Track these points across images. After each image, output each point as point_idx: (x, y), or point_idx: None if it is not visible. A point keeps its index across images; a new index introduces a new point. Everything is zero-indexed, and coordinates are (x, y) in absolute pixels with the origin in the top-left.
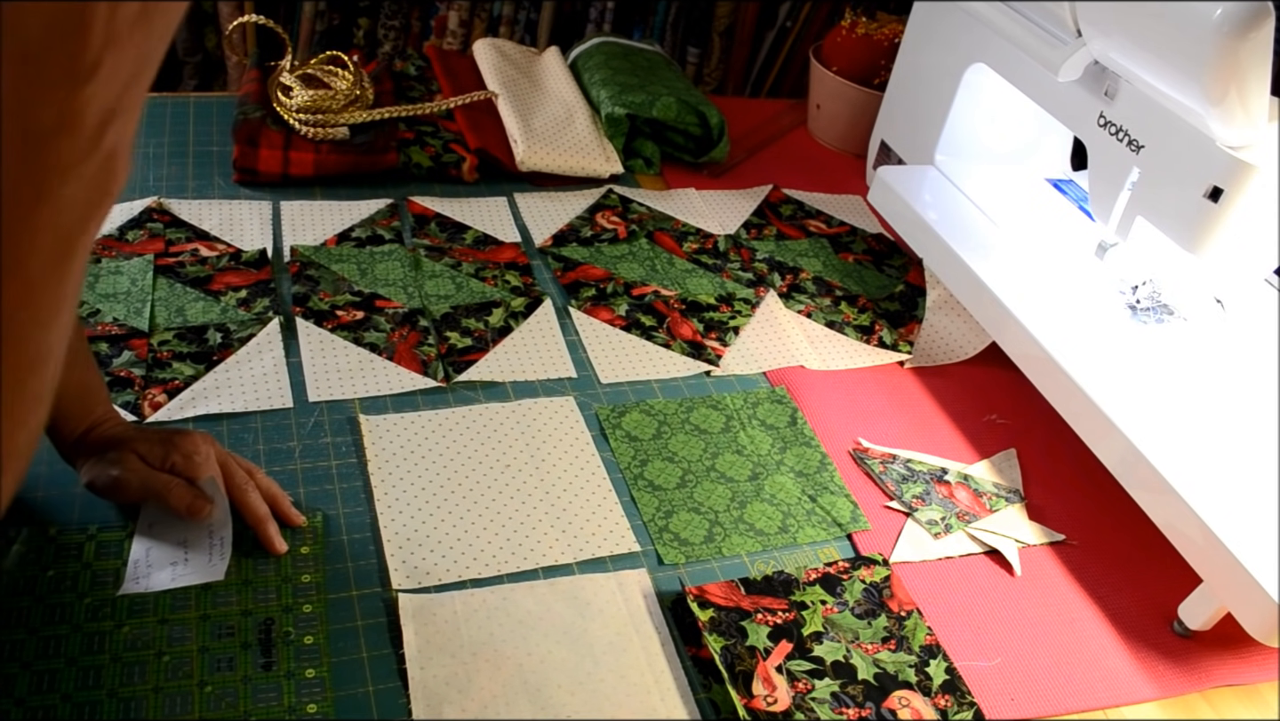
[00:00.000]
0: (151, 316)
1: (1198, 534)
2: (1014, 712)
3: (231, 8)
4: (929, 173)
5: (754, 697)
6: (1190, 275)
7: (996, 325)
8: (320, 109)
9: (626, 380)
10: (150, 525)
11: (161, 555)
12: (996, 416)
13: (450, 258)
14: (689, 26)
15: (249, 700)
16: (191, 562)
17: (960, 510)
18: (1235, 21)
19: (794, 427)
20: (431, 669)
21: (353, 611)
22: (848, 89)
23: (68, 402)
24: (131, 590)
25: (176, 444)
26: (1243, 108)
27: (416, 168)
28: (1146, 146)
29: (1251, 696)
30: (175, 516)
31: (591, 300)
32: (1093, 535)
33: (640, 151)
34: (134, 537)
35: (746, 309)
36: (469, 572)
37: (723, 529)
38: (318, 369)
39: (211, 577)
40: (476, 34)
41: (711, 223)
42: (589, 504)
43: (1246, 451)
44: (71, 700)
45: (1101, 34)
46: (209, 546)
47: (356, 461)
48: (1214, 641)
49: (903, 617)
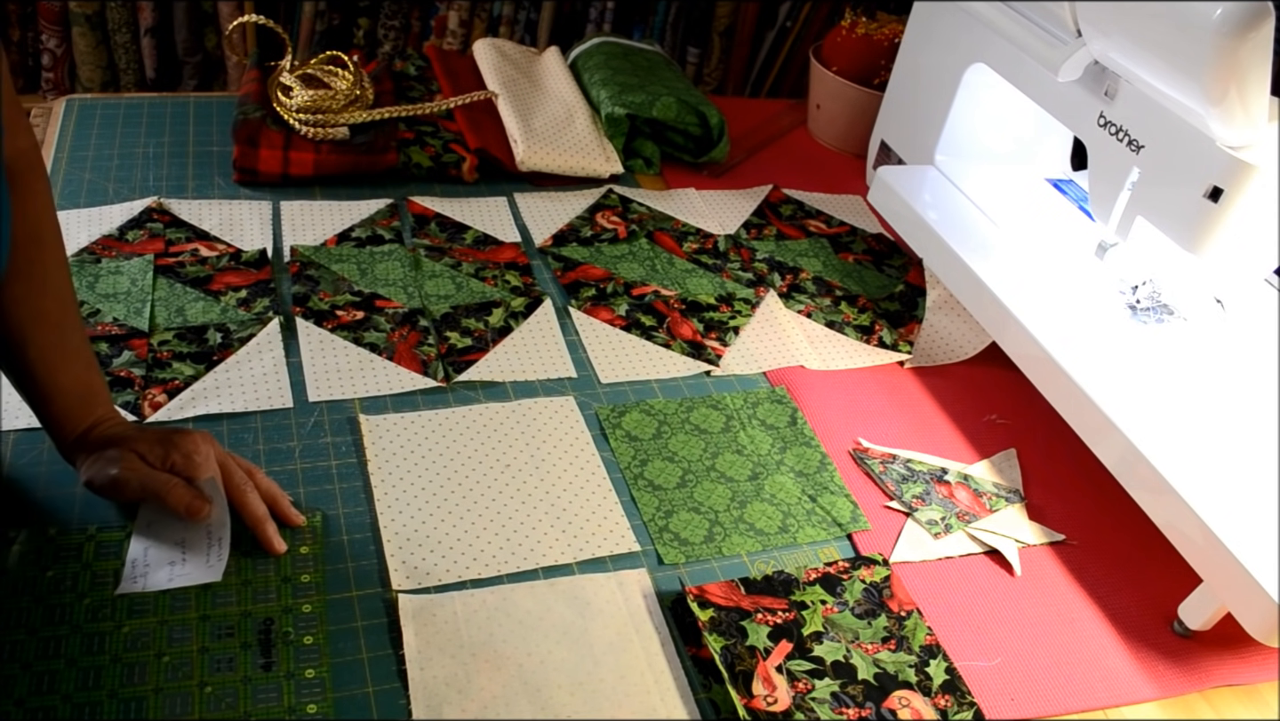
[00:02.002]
0: (151, 316)
1: (1198, 534)
2: (1014, 712)
3: (231, 8)
4: (929, 173)
5: (754, 697)
6: (1190, 275)
7: (996, 325)
8: (320, 109)
9: (626, 380)
10: (148, 524)
11: (159, 554)
12: (996, 416)
13: (450, 258)
14: (689, 26)
15: (249, 700)
16: (190, 563)
17: (960, 510)
18: (1235, 21)
19: (794, 427)
20: (431, 669)
21: (353, 612)
22: (848, 89)
23: (69, 402)
24: (129, 589)
25: (176, 443)
26: (1243, 108)
27: (416, 168)
28: (1146, 146)
29: (1251, 696)
30: (174, 516)
31: (591, 300)
32: (1093, 535)
33: (640, 151)
34: (132, 536)
35: (746, 309)
36: (469, 573)
37: (723, 529)
38: (318, 369)
39: (209, 579)
40: (476, 34)
41: (711, 223)
42: (589, 504)
43: (1246, 451)
44: (71, 700)
45: (1101, 34)
46: (207, 547)
47: (356, 461)
48: (1214, 641)
49: (903, 617)
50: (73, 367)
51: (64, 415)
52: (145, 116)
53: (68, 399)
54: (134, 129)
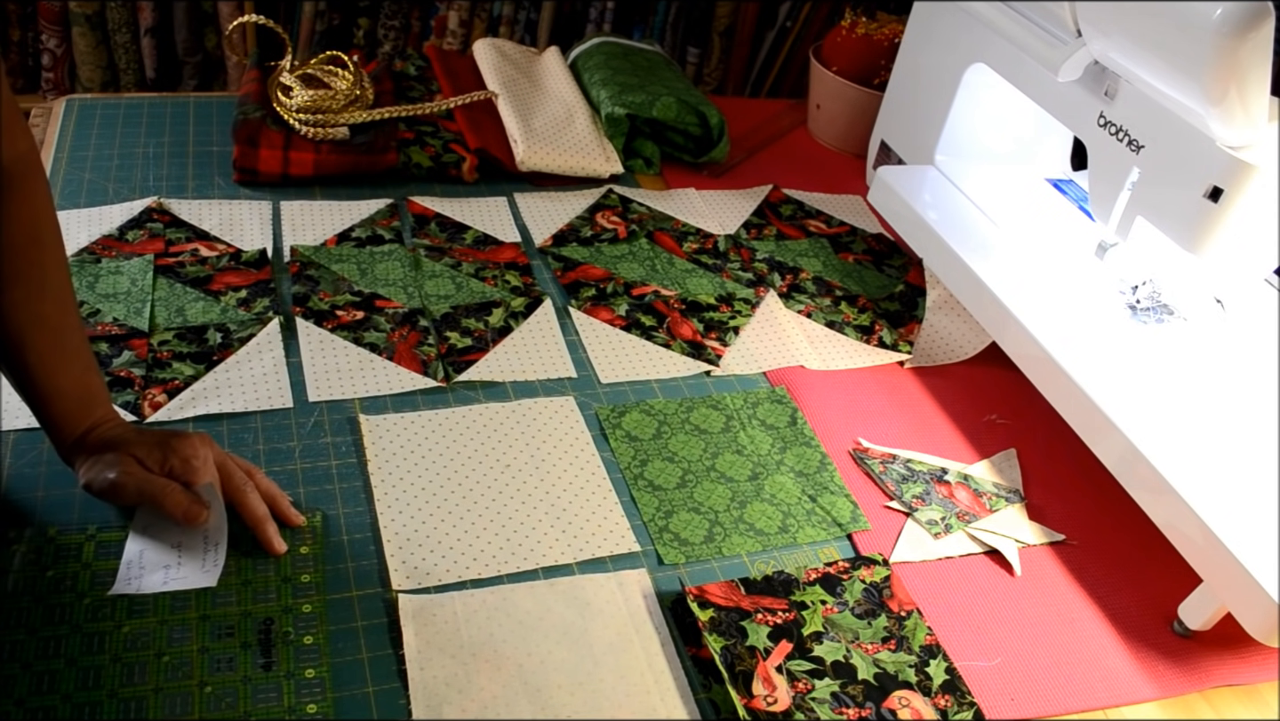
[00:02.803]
0: (151, 316)
1: (1198, 534)
2: (1014, 712)
3: (231, 8)
4: (929, 173)
5: (754, 697)
6: (1190, 275)
7: (996, 325)
8: (320, 109)
9: (626, 380)
10: (145, 526)
11: (155, 557)
12: (996, 416)
13: (450, 257)
14: (689, 26)
15: (249, 700)
16: (185, 566)
17: (960, 510)
18: (1235, 21)
19: (794, 427)
20: (431, 669)
21: (353, 611)
22: (848, 89)
23: (68, 404)
24: (123, 590)
25: (174, 447)
26: (1243, 108)
27: (416, 168)
28: (1146, 146)
29: (1251, 696)
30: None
31: (591, 300)
32: (1093, 535)
33: (640, 151)
34: (129, 537)
35: (746, 309)
36: (469, 573)
37: (723, 529)
38: (318, 369)
39: (205, 584)
40: (476, 34)
41: (711, 223)
42: (589, 504)
43: (1246, 451)
44: (71, 700)
45: (1101, 34)
46: (203, 552)
47: (356, 461)
48: (1214, 641)
49: (903, 617)
50: (71, 370)
51: (63, 417)
52: (145, 116)
53: (66, 401)
54: (134, 129)
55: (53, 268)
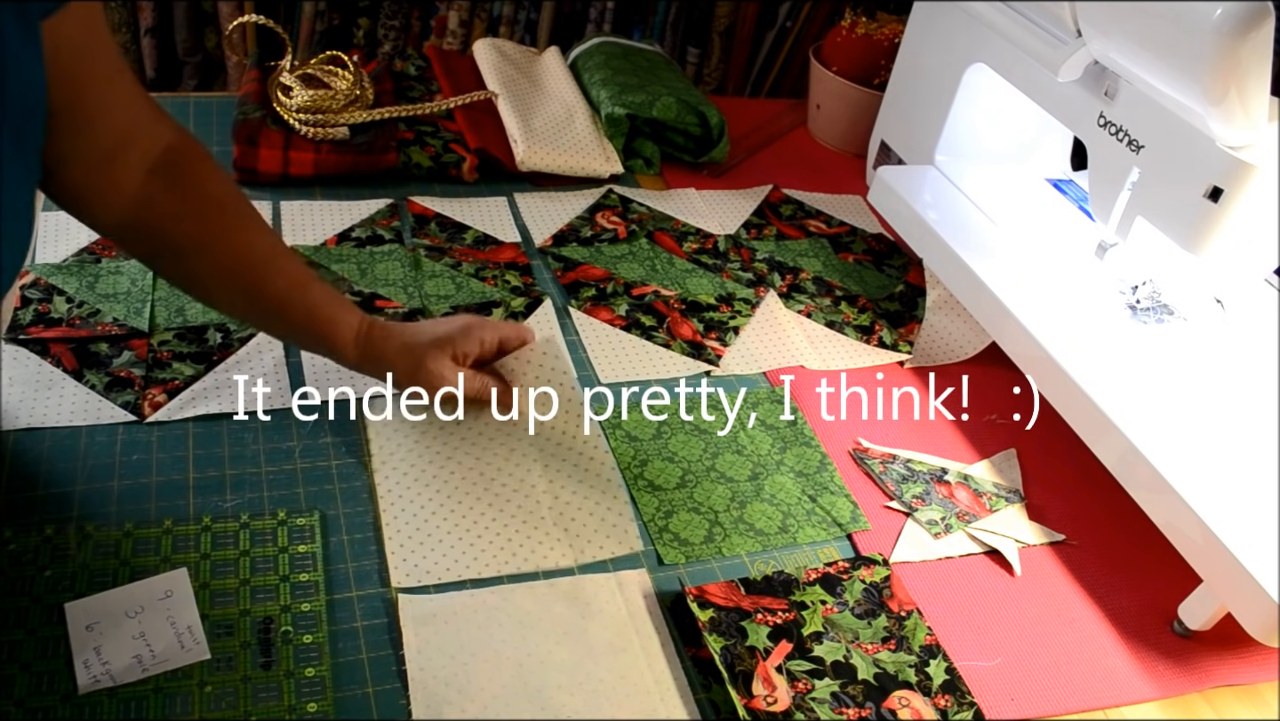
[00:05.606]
0: (151, 316)
1: (1198, 534)
2: (1014, 712)
3: (231, 8)
4: (929, 173)
5: (754, 697)
6: (1190, 275)
7: (996, 325)
8: (320, 109)
9: (626, 380)
10: (86, 627)
11: (114, 649)
12: (996, 416)
13: (450, 257)
14: (689, 26)
15: (249, 700)
16: (159, 653)
17: (960, 510)
18: (1235, 21)
19: (794, 427)
20: (431, 669)
21: (353, 611)
22: (848, 89)
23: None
24: (95, 687)
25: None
26: (1243, 108)
27: (416, 168)
28: (1146, 146)
29: (1251, 696)
30: (111, 617)
31: (591, 300)
32: (1093, 535)
33: (640, 151)
34: (69, 638)
35: (746, 309)
36: (469, 572)
37: (723, 529)
38: (318, 368)
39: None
40: (476, 34)
41: (711, 223)
42: (588, 503)
43: (1246, 451)
44: (71, 700)
45: (1101, 34)
46: (174, 635)
47: (356, 461)
48: (1214, 641)
49: (903, 617)
50: (314, 283)
51: (331, 324)
52: None
53: (328, 308)
54: None
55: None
